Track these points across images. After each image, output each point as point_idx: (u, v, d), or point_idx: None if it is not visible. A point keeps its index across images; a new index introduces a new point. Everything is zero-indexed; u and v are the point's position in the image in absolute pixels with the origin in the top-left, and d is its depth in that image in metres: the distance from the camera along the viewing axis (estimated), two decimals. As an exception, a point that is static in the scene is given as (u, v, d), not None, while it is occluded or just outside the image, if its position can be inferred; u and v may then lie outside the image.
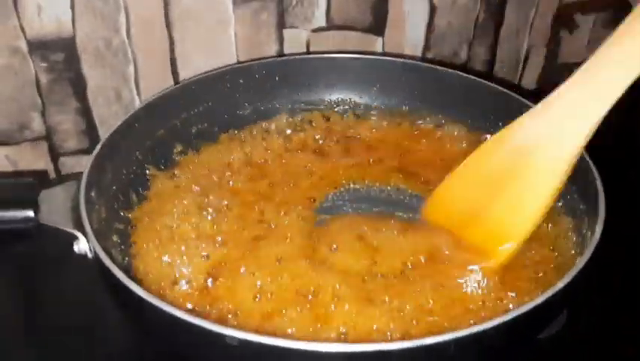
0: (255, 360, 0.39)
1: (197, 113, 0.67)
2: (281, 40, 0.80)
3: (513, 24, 0.91)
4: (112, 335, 0.55)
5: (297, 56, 0.75)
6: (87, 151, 0.77)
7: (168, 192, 0.59)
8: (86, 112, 0.76)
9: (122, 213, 0.56)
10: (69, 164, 0.78)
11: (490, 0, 0.88)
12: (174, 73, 0.77)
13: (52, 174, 0.78)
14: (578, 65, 0.99)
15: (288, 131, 0.69)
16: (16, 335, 0.55)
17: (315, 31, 0.81)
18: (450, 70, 0.69)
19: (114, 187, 0.56)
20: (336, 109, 0.72)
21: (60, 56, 0.72)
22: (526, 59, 0.95)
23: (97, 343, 0.54)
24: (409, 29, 0.86)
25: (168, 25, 0.74)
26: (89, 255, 0.47)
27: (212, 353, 0.40)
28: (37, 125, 0.75)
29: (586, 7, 0.94)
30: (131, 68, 0.75)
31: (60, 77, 0.73)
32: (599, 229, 0.46)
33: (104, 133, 0.76)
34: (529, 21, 0.92)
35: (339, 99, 0.73)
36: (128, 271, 0.49)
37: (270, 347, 0.38)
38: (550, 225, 0.56)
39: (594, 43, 0.97)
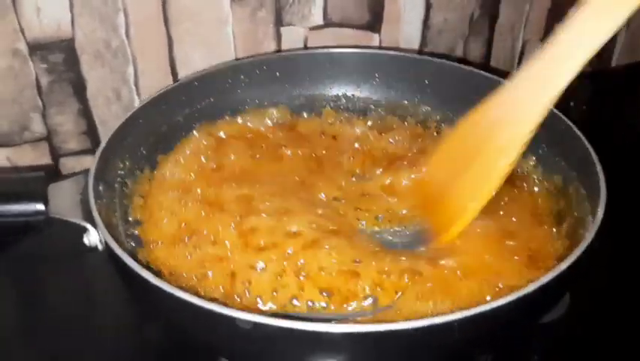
0: (270, 344, 0.40)
1: (199, 109, 0.67)
2: (279, 38, 0.80)
3: (508, 19, 0.92)
4: (120, 327, 0.55)
5: (297, 52, 0.76)
6: (88, 152, 0.78)
7: (171, 184, 0.60)
8: (86, 113, 0.76)
9: (129, 205, 0.57)
10: (70, 165, 0.78)
11: (485, -5, 0.89)
12: (173, 72, 0.77)
13: (54, 175, 0.78)
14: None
15: (291, 126, 0.69)
16: (25, 328, 0.55)
17: (312, 28, 0.81)
18: (449, 62, 0.70)
19: (120, 180, 0.57)
20: (337, 103, 0.73)
21: (60, 57, 0.72)
22: (522, 53, 0.96)
23: (105, 335, 0.54)
24: (405, 26, 0.86)
25: (167, 24, 0.75)
26: (100, 247, 0.47)
27: (228, 338, 0.41)
28: (37, 126, 0.75)
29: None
30: (131, 69, 0.75)
31: (60, 78, 0.73)
32: (600, 210, 0.46)
33: (104, 133, 0.76)
34: (524, 15, 0.93)
35: (340, 94, 0.73)
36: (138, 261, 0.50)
37: (285, 330, 0.38)
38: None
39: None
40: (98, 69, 0.74)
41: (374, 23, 0.85)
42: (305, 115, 0.71)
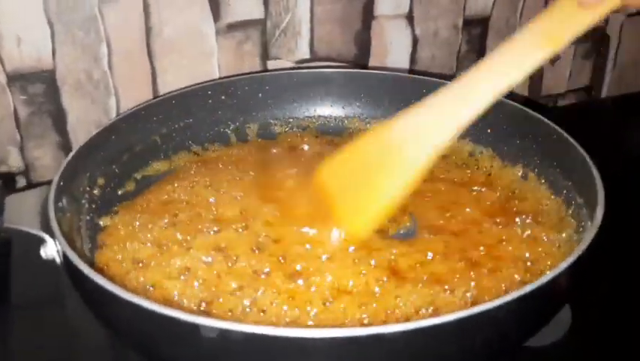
0: (237, 354, 0.36)
1: (176, 129, 0.65)
2: (265, 72, 0.79)
3: (495, 55, 0.91)
4: (77, 335, 0.53)
5: (280, 72, 0.74)
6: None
7: (141, 204, 0.58)
8: (65, 146, 0.74)
9: (95, 221, 0.54)
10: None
11: (470, 31, 0.88)
12: (157, 104, 0.76)
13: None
14: (561, 96, 1.01)
15: (271, 148, 0.67)
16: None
17: (298, 62, 0.81)
18: (437, 79, 0.69)
19: (87, 196, 0.54)
20: (320, 123, 0.71)
21: (40, 88, 0.71)
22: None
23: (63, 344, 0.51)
24: (393, 61, 0.86)
25: (150, 56, 0.74)
26: (57, 259, 0.44)
27: (195, 349, 0.37)
28: (14, 160, 0.73)
29: (566, 37, 0.95)
30: (113, 100, 0.74)
31: (39, 110, 0.72)
32: (599, 211, 0.44)
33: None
34: (511, 52, 0.92)
35: (324, 114, 0.71)
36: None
37: (255, 337, 0.34)
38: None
39: (575, 74, 0.98)
40: (79, 101, 0.73)
41: (362, 58, 0.84)
42: (287, 135, 0.69)
